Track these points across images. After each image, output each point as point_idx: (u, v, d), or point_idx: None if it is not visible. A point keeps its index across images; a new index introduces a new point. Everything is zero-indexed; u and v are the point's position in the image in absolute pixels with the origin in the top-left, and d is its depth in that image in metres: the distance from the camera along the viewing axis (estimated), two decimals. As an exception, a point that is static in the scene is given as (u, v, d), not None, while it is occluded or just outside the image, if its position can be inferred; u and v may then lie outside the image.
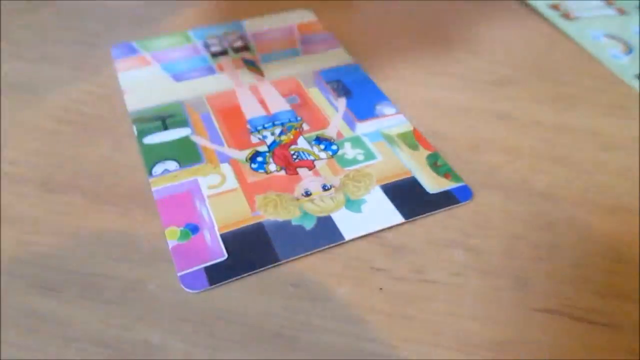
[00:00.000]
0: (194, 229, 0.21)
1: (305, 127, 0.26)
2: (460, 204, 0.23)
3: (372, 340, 0.19)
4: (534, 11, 0.35)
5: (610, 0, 0.36)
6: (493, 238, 0.22)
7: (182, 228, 0.21)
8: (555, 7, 0.35)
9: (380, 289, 0.20)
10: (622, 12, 0.35)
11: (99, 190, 0.23)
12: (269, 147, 0.25)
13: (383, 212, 0.22)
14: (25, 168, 0.24)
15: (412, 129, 0.26)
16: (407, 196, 0.23)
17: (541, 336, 0.19)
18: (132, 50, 0.30)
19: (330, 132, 0.25)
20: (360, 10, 0.35)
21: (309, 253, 0.21)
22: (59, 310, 0.19)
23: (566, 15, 0.35)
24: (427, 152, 0.25)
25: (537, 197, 0.23)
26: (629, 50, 0.32)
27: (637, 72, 0.30)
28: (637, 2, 0.36)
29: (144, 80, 0.28)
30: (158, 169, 0.24)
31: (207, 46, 0.31)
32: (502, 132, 0.26)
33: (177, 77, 0.28)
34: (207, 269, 0.20)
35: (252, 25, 0.32)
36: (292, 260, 0.20)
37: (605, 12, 0.35)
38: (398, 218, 0.22)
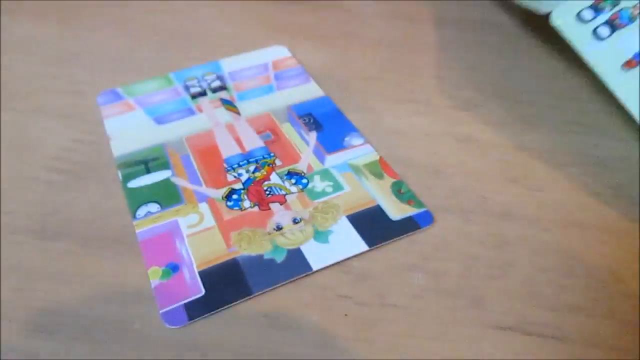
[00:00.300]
0: (174, 267, 0.23)
1: (278, 162, 0.28)
2: (421, 228, 0.24)
3: (338, 364, 0.20)
4: (499, 31, 0.37)
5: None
6: (451, 260, 0.23)
7: (163, 268, 0.23)
8: None
9: (345, 315, 0.22)
10: None
11: (89, 236, 0.25)
12: (243, 184, 0.26)
13: (348, 242, 0.24)
14: (21, 218, 0.26)
15: (378, 158, 0.28)
16: (371, 224, 0.24)
17: (495, 352, 0.20)
18: (117, 97, 0.32)
19: (301, 166, 0.27)
20: (331, 42, 0.36)
21: (279, 285, 0.22)
22: (54, 350, 0.21)
23: None
24: (391, 180, 0.26)
25: (493, 218, 0.25)
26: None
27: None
28: None
29: (128, 125, 0.30)
30: (141, 211, 0.25)
31: (187, 88, 0.33)
32: (462, 156, 0.28)
33: (159, 120, 0.30)
34: (186, 305, 0.22)
35: (229, 65, 0.34)
36: (264, 292, 0.22)
37: None
38: (362, 246, 0.23)
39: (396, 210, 0.25)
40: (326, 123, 0.30)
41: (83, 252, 0.24)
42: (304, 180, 0.27)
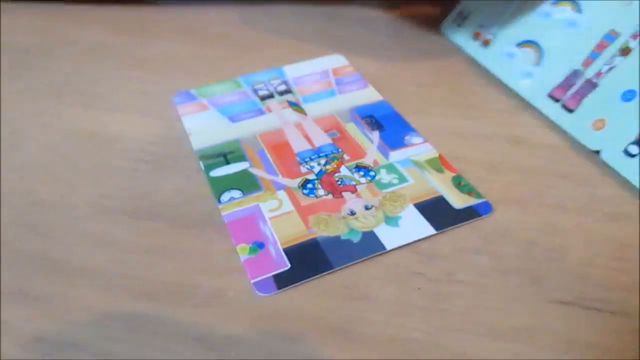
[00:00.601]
0: (260, 245, 0.25)
1: (346, 157, 0.30)
2: (482, 216, 0.27)
3: (414, 330, 0.22)
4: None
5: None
6: (511, 245, 0.26)
7: (250, 245, 0.25)
8: (476, 35, 0.37)
9: (419, 288, 0.24)
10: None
11: (178, 217, 0.27)
12: (316, 175, 0.29)
13: (417, 226, 0.26)
14: (114, 200, 0.28)
15: (437, 155, 0.30)
16: (437, 212, 0.27)
17: (556, 323, 0.22)
18: (191, 97, 0.35)
19: (367, 160, 0.30)
20: (384, 53, 0.39)
21: (357, 261, 0.25)
22: (157, 313, 0.23)
23: (485, 42, 0.36)
24: (451, 174, 0.29)
25: (548, 209, 0.27)
26: (539, 56, 0.32)
27: (548, 91, 0.30)
28: None
29: (205, 122, 0.33)
30: (225, 197, 0.28)
31: (255, 91, 0.35)
32: (515, 155, 0.30)
33: (233, 119, 0.33)
34: (274, 276, 0.24)
35: (292, 71, 0.37)
36: (344, 267, 0.25)
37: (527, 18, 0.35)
38: (430, 230, 0.26)
39: (458, 200, 0.27)
40: (387, 124, 0.32)
41: (173, 230, 0.27)
42: (372, 173, 0.29)
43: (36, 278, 0.25)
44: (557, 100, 0.31)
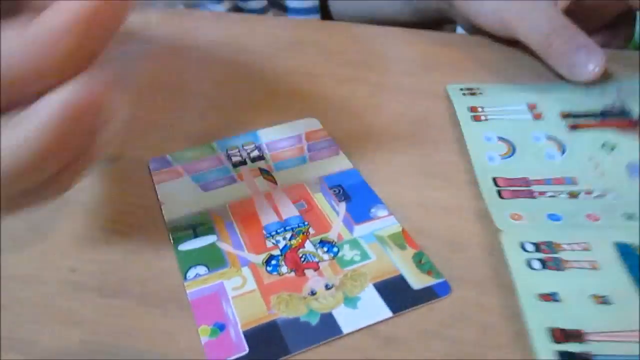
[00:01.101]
0: (221, 327, 0.26)
1: (312, 231, 0.31)
2: (439, 298, 0.27)
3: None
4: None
5: (532, 106, 0.39)
6: (468, 328, 0.26)
7: (211, 326, 0.26)
8: (473, 109, 0.39)
9: (373, 376, 0.25)
10: (538, 117, 0.38)
11: (145, 294, 0.28)
12: (281, 251, 0.30)
13: (375, 308, 0.27)
14: (84, 276, 0.29)
15: (401, 229, 0.31)
16: (395, 292, 0.27)
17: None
18: (167, 163, 0.36)
19: (332, 235, 0.31)
20: (358, 115, 0.40)
21: (314, 346, 0.25)
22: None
23: (477, 118, 0.38)
24: (413, 251, 0.29)
25: (505, 289, 0.28)
26: (511, 152, 0.35)
27: (494, 175, 0.33)
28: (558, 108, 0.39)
29: (178, 191, 0.34)
30: (191, 273, 0.29)
31: (229, 157, 0.36)
32: (479, 230, 0.31)
33: (205, 187, 0.34)
34: (232, 362, 0.25)
35: (266, 135, 0.38)
36: (300, 352, 0.25)
37: (520, 116, 0.38)
38: (387, 313, 0.27)
39: (417, 280, 0.28)
40: (354, 194, 0.33)
41: (140, 310, 0.28)
42: (335, 249, 0.30)
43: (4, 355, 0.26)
44: (497, 185, 0.33)
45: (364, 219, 0.32)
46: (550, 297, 0.27)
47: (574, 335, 0.25)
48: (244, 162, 0.36)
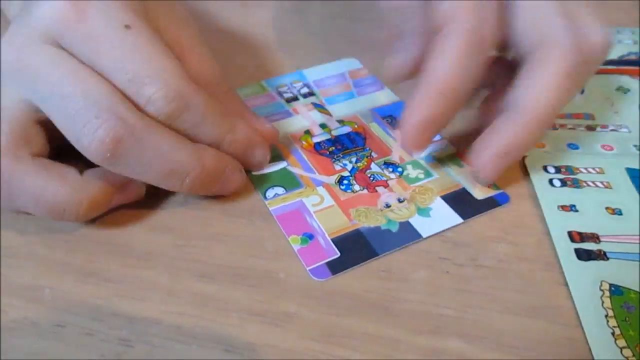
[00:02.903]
0: (310, 236, 0.29)
1: (374, 155, 0.33)
2: (500, 206, 0.30)
3: (444, 307, 0.26)
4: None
5: None
6: (527, 235, 0.29)
7: (301, 236, 0.29)
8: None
9: (447, 272, 0.27)
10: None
11: (229, 208, 0.30)
12: (350, 172, 0.32)
13: (446, 215, 0.30)
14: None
15: (455, 151, 0.34)
16: (462, 202, 0.30)
17: (565, 302, 0.26)
18: (221, 100, 0.38)
19: (394, 158, 0.33)
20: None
21: (398, 249, 0.28)
22: (217, 293, 0.26)
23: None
24: (471, 169, 0.32)
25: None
26: None
27: None
28: None
29: (238, 124, 0.36)
30: (270, 193, 0.31)
31: (280, 94, 0.38)
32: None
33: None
34: (328, 263, 0.27)
35: (311, 74, 0.40)
36: (386, 254, 0.28)
37: None
38: (457, 219, 0.29)
39: (479, 192, 0.31)
40: (406, 123, 0.36)
41: (226, 219, 0.30)
42: (400, 169, 0.32)
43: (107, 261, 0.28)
44: None
45: (420, 144, 0.34)
46: (569, 208, 0.30)
47: (590, 237, 0.29)
48: (295, 98, 0.38)
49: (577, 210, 0.30)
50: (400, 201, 0.30)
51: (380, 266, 0.28)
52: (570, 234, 0.29)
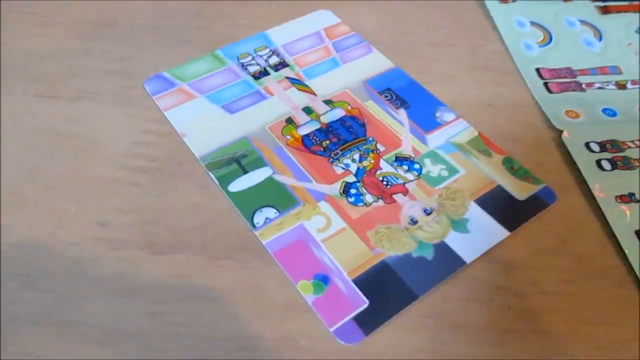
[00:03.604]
0: (323, 279, 0.22)
1: (380, 147, 0.26)
2: (548, 206, 0.24)
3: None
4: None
5: None
6: (587, 240, 0.24)
7: (312, 280, 0.22)
8: None
9: (509, 307, 0.22)
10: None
11: (208, 244, 0.23)
12: (356, 175, 0.25)
13: (488, 228, 0.23)
14: (119, 230, 0.23)
15: (477, 134, 0.27)
16: (502, 207, 0.24)
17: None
18: (168, 83, 0.29)
19: (406, 150, 0.26)
20: (379, 5, 0.34)
21: (439, 284, 0.22)
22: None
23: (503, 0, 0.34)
24: (500, 157, 0.26)
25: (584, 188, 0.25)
26: (548, 39, 0.32)
27: (537, 66, 0.31)
28: None
29: (196, 117, 0.27)
30: (259, 219, 0.23)
31: (243, 67, 0.30)
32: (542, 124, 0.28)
33: (229, 109, 0.28)
34: (355, 319, 0.21)
35: (278, 36, 0.32)
36: (427, 294, 0.22)
37: None
38: (503, 232, 0.23)
39: (518, 189, 0.25)
40: (410, 98, 0.28)
41: (208, 264, 0.22)
42: (416, 166, 0.26)
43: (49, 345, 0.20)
44: (542, 78, 0.30)
45: (433, 127, 0.27)
46: (628, 198, 0.25)
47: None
48: (265, 73, 0.30)
49: (637, 200, 0.25)
50: (427, 213, 0.24)
51: (423, 310, 0.21)
52: (637, 233, 0.23)
